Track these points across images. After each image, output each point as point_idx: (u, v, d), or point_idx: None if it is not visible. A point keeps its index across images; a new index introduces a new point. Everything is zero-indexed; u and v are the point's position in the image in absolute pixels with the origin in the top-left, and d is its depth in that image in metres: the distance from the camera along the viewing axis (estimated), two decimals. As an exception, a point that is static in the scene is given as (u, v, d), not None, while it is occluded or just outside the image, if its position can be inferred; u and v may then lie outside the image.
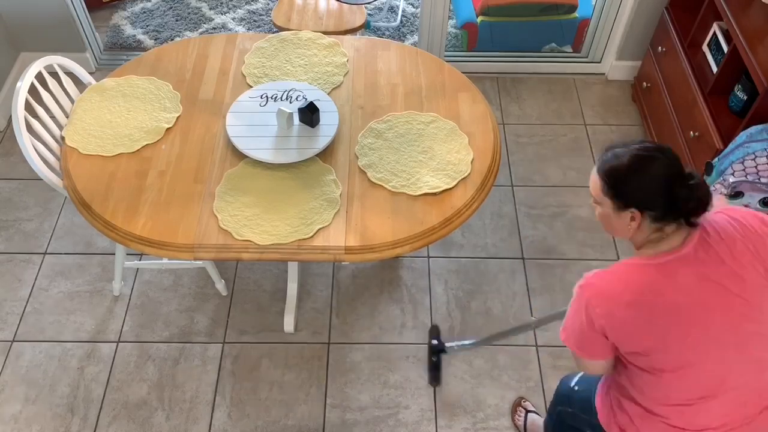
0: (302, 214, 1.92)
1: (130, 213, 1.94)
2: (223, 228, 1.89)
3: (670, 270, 1.33)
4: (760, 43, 2.29)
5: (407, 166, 2.06)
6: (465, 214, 1.98)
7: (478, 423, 2.29)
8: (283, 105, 2.17)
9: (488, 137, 2.15)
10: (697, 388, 1.38)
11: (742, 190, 2.30)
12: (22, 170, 2.99)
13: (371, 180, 2.02)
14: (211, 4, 3.87)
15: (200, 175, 2.03)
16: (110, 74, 2.33)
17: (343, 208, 1.96)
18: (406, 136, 2.14)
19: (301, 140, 2.09)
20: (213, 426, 2.28)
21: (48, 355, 2.43)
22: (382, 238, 1.89)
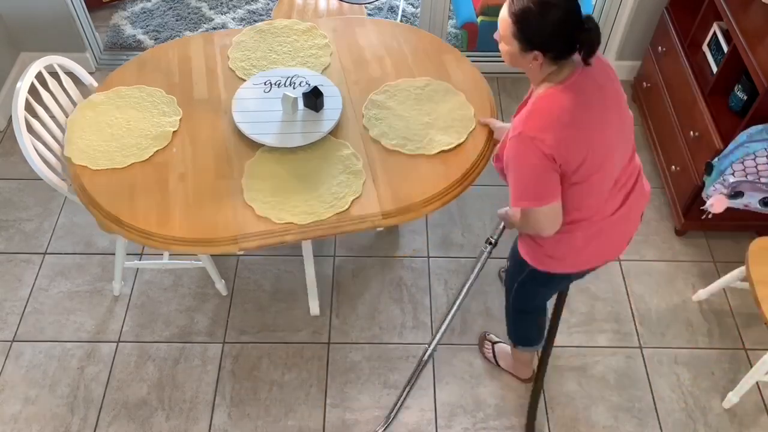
0: (332, 190, 1.98)
1: (163, 218, 1.92)
2: (261, 215, 1.91)
3: (579, 86, 1.57)
4: (760, 43, 2.29)
5: (417, 130, 2.14)
6: (481, 164, 2.10)
7: (478, 423, 2.29)
8: (286, 91, 2.21)
9: (482, 92, 2.26)
10: (611, 178, 1.67)
11: (742, 190, 2.30)
12: (22, 170, 2.99)
13: (387, 148, 2.09)
14: (211, 4, 3.87)
15: (220, 170, 2.03)
16: (96, 89, 2.28)
17: (368, 177, 2.02)
18: (406, 102, 2.22)
19: (308, 123, 2.13)
20: (213, 426, 2.28)
21: (48, 355, 2.43)
22: (414, 199, 1.98)
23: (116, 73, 2.34)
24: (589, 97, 1.58)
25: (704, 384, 2.40)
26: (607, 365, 2.44)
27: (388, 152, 2.09)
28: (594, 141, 1.58)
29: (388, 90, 2.26)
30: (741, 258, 2.74)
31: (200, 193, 1.98)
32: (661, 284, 2.67)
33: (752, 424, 2.30)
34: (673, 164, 2.81)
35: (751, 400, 2.36)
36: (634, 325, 2.55)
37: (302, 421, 2.29)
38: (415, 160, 2.07)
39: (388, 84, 2.28)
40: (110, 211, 1.94)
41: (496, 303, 2.59)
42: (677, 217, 2.77)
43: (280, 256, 2.72)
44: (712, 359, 2.46)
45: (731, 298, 2.63)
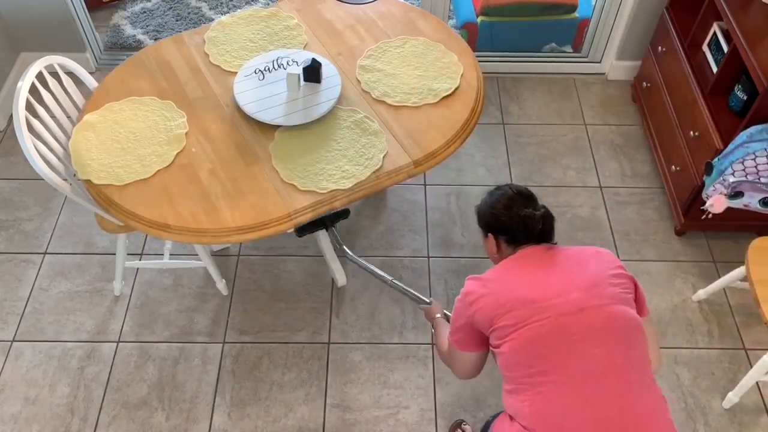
0: (360, 152, 2.07)
1: (212, 213, 1.93)
2: (305, 190, 1.97)
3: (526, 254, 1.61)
4: (760, 43, 2.29)
5: (414, 83, 2.26)
6: (481, 99, 2.25)
7: (478, 423, 2.29)
8: (289, 70, 2.26)
9: (457, 40, 2.41)
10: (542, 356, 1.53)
11: (742, 190, 2.30)
12: (22, 170, 2.99)
13: (393, 105, 2.20)
14: (211, 4, 3.87)
15: (247, 158, 2.05)
16: (85, 112, 2.21)
17: (387, 133, 2.12)
18: (393, 61, 2.33)
19: (314, 96, 2.19)
20: (213, 426, 2.28)
21: (48, 355, 2.43)
22: (436, 143, 2.09)
23: (100, 91, 2.27)
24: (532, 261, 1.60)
25: (704, 384, 2.40)
26: (607, 365, 2.44)
27: (395, 109, 2.20)
28: (516, 298, 1.51)
29: (372, 54, 2.36)
30: (741, 258, 2.74)
31: (237, 182, 2.00)
32: (661, 284, 2.67)
33: (752, 424, 2.30)
34: (673, 164, 2.81)
35: (751, 400, 2.36)
36: (634, 325, 2.55)
37: (302, 421, 2.29)
38: (422, 110, 2.19)
39: (369, 49, 2.38)
40: (155, 219, 1.92)
41: (496, 303, 2.59)
42: (677, 217, 2.77)
43: (280, 256, 2.72)
44: (712, 359, 2.46)
45: (731, 298, 2.63)
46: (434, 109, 2.20)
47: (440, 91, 2.24)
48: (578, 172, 3.05)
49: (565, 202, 2.93)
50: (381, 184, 2.03)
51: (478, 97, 2.25)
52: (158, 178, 2.02)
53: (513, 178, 3.00)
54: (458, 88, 2.25)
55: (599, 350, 1.46)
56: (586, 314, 1.48)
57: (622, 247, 2.77)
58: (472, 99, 2.23)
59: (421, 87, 2.26)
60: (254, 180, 2.01)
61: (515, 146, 3.14)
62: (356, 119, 2.17)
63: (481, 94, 2.27)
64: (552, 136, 3.20)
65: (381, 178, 2.03)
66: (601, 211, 2.90)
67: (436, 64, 2.33)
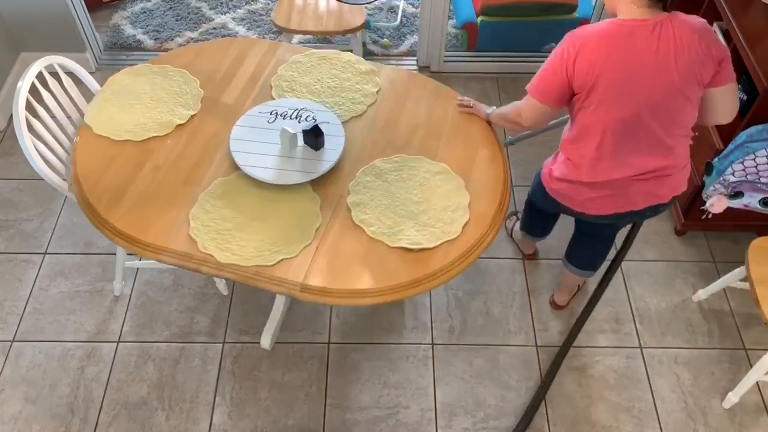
0: (272, 240, 1.86)
1: (113, 201, 1.95)
2: (192, 236, 1.86)
3: (629, 31, 1.71)
4: (760, 43, 2.29)
5: (395, 214, 1.93)
6: (438, 279, 1.83)
7: (478, 423, 2.29)
8: (290, 124, 2.11)
9: (492, 204, 1.97)
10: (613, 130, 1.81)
11: (742, 190, 2.30)
12: (22, 170, 2.99)
13: (353, 220, 1.91)
14: (211, 4, 3.87)
15: (192, 177, 2.02)
16: (149, 60, 2.36)
17: (315, 242, 1.86)
18: (407, 181, 2.01)
19: (300, 162, 2.01)
20: (213, 426, 2.28)
21: (48, 355, 2.43)
22: (343, 284, 1.79)
23: (173, 52, 2.39)
24: (638, 43, 1.70)
25: (704, 384, 2.40)
26: (607, 365, 2.44)
27: (352, 225, 1.91)
28: (602, 74, 1.73)
29: (397, 161, 2.06)
30: (741, 258, 2.74)
31: (160, 191, 1.98)
32: (661, 284, 2.67)
33: (752, 424, 2.30)
34: (673, 164, 2.81)
35: (751, 400, 2.36)
36: (634, 325, 2.55)
37: (302, 421, 2.29)
38: (373, 245, 1.87)
39: (401, 155, 2.08)
40: (79, 174, 2.00)
41: (496, 302, 2.59)
42: (677, 217, 2.77)
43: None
44: (712, 359, 2.46)
45: (731, 298, 2.63)
46: (384, 252, 1.86)
47: (407, 240, 1.87)
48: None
49: (565, 202, 2.93)
50: (255, 281, 1.82)
51: (439, 273, 1.83)
52: (120, 147, 2.09)
53: (514, 178, 3.00)
54: (429, 250, 1.86)
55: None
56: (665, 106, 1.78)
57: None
58: (428, 271, 1.82)
59: (396, 222, 1.91)
60: (173, 199, 1.95)
61: (515, 146, 3.14)
62: (307, 209, 1.93)
63: (450, 274, 1.85)
64: (552, 136, 3.19)
65: (260, 277, 1.81)
66: (601, 211, 2.90)
67: (440, 214, 1.93)
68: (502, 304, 2.60)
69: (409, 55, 3.59)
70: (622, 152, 1.85)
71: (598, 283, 2.57)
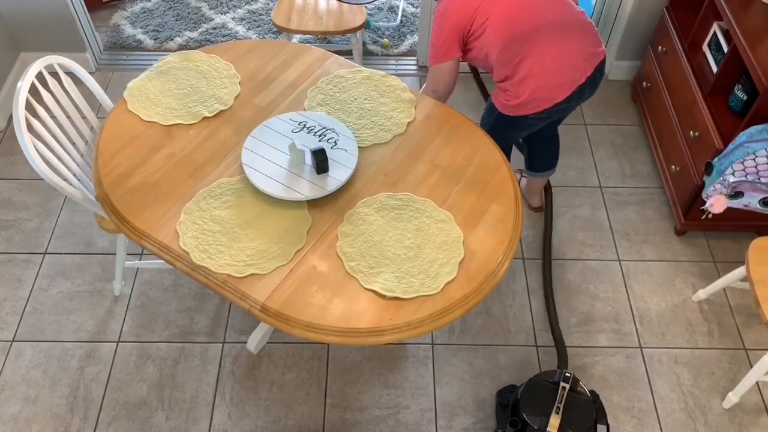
0: (250, 252, 1.81)
1: (121, 178, 1.97)
2: (177, 230, 1.86)
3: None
4: (760, 43, 2.29)
5: (381, 254, 1.82)
6: (403, 333, 1.70)
7: (478, 423, 2.29)
8: (310, 140, 2.06)
9: (485, 267, 1.80)
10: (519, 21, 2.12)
11: (742, 190, 2.30)
12: (22, 170, 2.99)
13: (337, 250, 1.83)
14: (211, 4, 3.87)
15: (200, 172, 2.02)
16: (204, 48, 2.39)
17: (291, 264, 1.79)
18: (405, 222, 1.89)
19: (303, 180, 1.96)
20: (213, 426, 2.28)
21: (48, 355, 2.43)
22: (301, 314, 1.71)
23: (227, 44, 2.41)
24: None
25: (704, 384, 2.40)
26: (607, 365, 2.44)
27: (334, 255, 1.82)
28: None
29: (402, 199, 1.94)
30: (741, 258, 2.74)
31: (163, 178, 1.99)
32: (661, 284, 2.67)
33: (752, 424, 2.30)
34: (673, 164, 2.81)
35: (751, 400, 2.36)
36: (634, 325, 2.55)
37: (302, 421, 2.29)
38: (346, 280, 1.78)
39: (409, 194, 1.96)
40: (102, 143, 2.07)
41: (496, 302, 2.59)
42: (677, 217, 2.77)
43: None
44: (712, 359, 2.46)
45: (731, 298, 2.63)
46: (355, 291, 1.75)
47: (380, 285, 1.75)
48: (578, 171, 3.05)
49: (565, 202, 2.93)
50: (221, 289, 1.77)
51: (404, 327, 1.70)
52: (146, 126, 2.13)
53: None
54: (401, 300, 1.73)
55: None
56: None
57: (622, 247, 2.77)
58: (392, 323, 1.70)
59: (378, 263, 1.80)
60: (173, 189, 1.95)
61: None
62: (296, 229, 1.86)
63: (413, 332, 1.71)
64: (552, 136, 3.20)
65: (226, 286, 1.77)
66: (601, 211, 2.90)
67: (426, 265, 1.80)
68: (502, 304, 2.60)
69: (409, 55, 3.59)
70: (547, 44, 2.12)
71: None
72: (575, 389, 2.04)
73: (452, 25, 2.16)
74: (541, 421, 1.98)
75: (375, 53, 3.60)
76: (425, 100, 2.26)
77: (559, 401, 2.00)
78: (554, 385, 2.05)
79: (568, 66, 2.14)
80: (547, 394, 2.03)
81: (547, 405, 2.01)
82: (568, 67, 2.14)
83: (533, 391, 2.06)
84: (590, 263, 2.71)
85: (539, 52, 2.10)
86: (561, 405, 1.99)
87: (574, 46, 2.13)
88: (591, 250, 2.76)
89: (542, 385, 2.06)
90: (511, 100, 2.24)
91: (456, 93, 3.38)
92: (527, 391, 2.06)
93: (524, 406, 2.02)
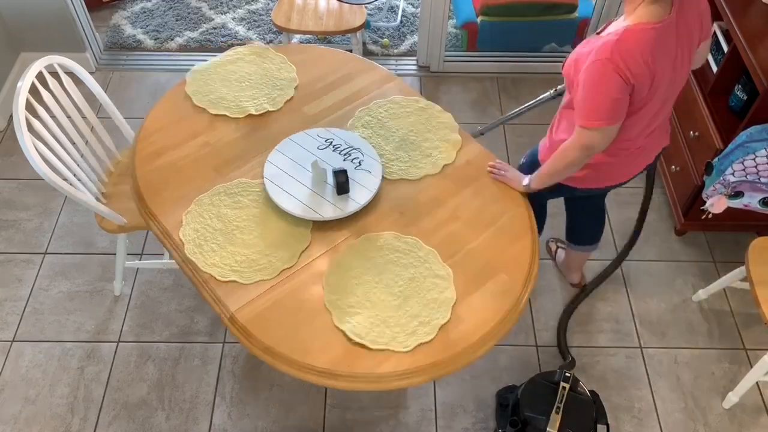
0: (240, 259, 1.79)
1: (152, 156, 2.04)
2: (182, 219, 1.88)
3: (664, 33, 1.68)
4: (760, 43, 2.29)
5: (364, 295, 1.72)
6: (357, 384, 1.59)
7: (478, 423, 2.29)
8: (334, 158, 2.01)
9: (467, 338, 1.65)
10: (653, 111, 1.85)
11: (742, 190, 2.30)
12: (22, 170, 2.99)
13: (322, 279, 1.75)
14: (211, 4, 3.87)
15: (225, 167, 2.02)
16: (276, 46, 2.39)
17: (274, 281, 1.75)
18: (401, 269, 1.77)
19: (317, 198, 1.90)
20: (213, 426, 2.28)
21: (48, 355, 2.43)
22: (264, 335, 1.65)
23: (299, 47, 2.40)
24: (671, 42, 1.71)
25: (704, 384, 2.40)
26: (607, 365, 2.44)
27: (319, 284, 1.75)
28: (660, 80, 1.74)
29: (408, 244, 1.82)
30: (741, 258, 2.74)
31: (188, 166, 2.02)
32: (661, 284, 2.67)
33: (752, 424, 2.30)
34: (673, 164, 2.81)
35: (751, 400, 2.36)
36: (634, 325, 2.55)
37: (302, 421, 2.29)
38: (320, 313, 1.70)
39: (418, 241, 1.83)
40: (149, 118, 2.15)
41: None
42: (677, 217, 2.77)
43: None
44: (712, 359, 2.46)
45: (731, 298, 2.63)
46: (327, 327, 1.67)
47: (351, 328, 1.66)
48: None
49: (565, 202, 2.93)
50: (200, 288, 1.76)
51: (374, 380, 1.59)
52: (195, 111, 2.16)
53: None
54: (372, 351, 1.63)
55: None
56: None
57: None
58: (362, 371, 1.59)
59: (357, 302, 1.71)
60: (193, 178, 1.98)
61: (515, 146, 3.14)
62: (293, 245, 1.80)
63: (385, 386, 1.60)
64: (552, 136, 3.20)
65: (207, 287, 1.75)
66: (601, 211, 2.90)
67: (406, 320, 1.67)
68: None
69: (409, 55, 3.59)
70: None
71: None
72: (575, 389, 2.04)
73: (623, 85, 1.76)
74: (541, 421, 1.97)
75: (375, 53, 3.60)
76: (471, 144, 2.08)
77: (559, 401, 2.00)
78: (554, 385, 2.05)
79: (644, 156, 2.02)
80: (548, 394, 2.03)
81: (547, 405, 2.00)
82: (644, 156, 2.02)
83: (533, 391, 2.06)
84: (590, 263, 2.71)
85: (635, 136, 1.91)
86: (561, 405, 1.99)
87: (657, 136, 2.00)
88: (591, 250, 2.76)
89: (542, 385, 2.06)
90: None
91: (456, 93, 3.38)
92: (527, 391, 2.06)
93: (524, 405, 2.02)
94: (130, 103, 3.28)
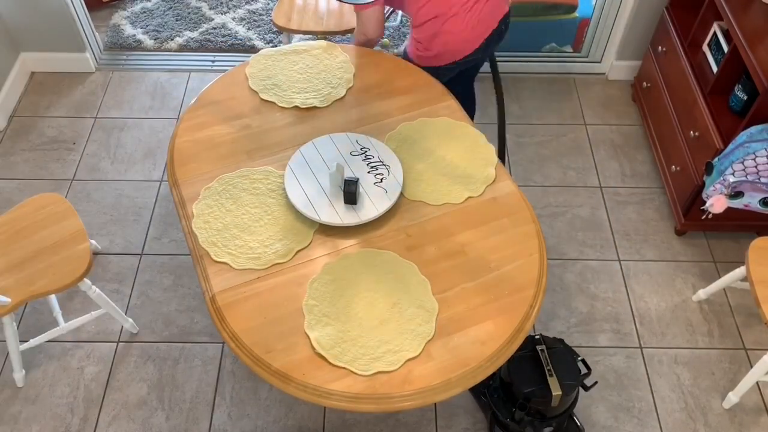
0: (239, 243, 1.81)
1: (197, 127, 2.11)
2: (201, 192, 1.93)
3: None
4: (760, 43, 2.29)
5: (343, 307, 1.69)
6: (304, 394, 1.55)
7: (478, 423, 2.29)
8: (360, 167, 1.99)
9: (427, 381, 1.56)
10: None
11: (742, 190, 2.30)
12: (23, 170, 2.99)
13: (308, 282, 1.73)
14: (211, 4, 3.87)
15: (257, 152, 2.04)
16: (344, 45, 2.40)
17: (263, 272, 1.75)
18: (387, 293, 1.71)
19: (329, 201, 1.90)
20: (213, 426, 2.28)
21: (48, 355, 2.43)
22: (234, 321, 1.64)
23: (373, 53, 2.38)
24: None
25: (704, 384, 2.40)
26: (607, 365, 2.44)
27: (305, 285, 1.74)
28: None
29: (404, 268, 1.76)
30: (741, 258, 2.74)
31: (227, 143, 2.06)
32: (661, 284, 2.67)
33: (752, 424, 2.30)
34: (673, 164, 2.81)
35: (751, 400, 2.36)
36: (634, 325, 2.55)
37: (302, 421, 2.29)
38: (297, 315, 1.69)
39: (413, 266, 1.78)
40: (209, 90, 2.22)
41: (496, 303, 2.59)
42: (677, 217, 2.77)
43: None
44: (712, 359, 2.46)
45: (731, 298, 2.63)
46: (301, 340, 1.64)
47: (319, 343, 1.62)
48: (578, 172, 3.05)
49: (565, 202, 2.93)
50: (197, 270, 1.76)
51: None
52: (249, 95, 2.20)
53: (513, 178, 3.00)
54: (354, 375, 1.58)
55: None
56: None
57: (622, 247, 2.77)
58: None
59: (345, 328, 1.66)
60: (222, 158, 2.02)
61: (515, 146, 3.14)
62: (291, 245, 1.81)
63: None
64: (552, 136, 3.20)
65: (201, 270, 1.78)
66: (601, 211, 2.90)
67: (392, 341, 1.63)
68: (502, 304, 2.59)
69: (409, 55, 3.59)
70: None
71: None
72: (551, 346, 2.02)
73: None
74: (543, 389, 1.96)
75: (375, 53, 3.60)
76: (504, 182, 1.98)
77: (546, 364, 1.98)
78: (533, 352, 2.02)
79: (477, 21, 2.29)
80: (532, 364, 1.99)
81: (537, 374, 1.97)
82: (477, 22, 2.29)
83: (519, 367, 2.03)
84: (590, 263, 2.71)
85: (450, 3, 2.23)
86: (550, 366, 1.98)
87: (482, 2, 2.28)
88: (591, 250, 2.76)
89: (523, 358, 2.02)
90: (425, 53, 2.36)
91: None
92: (515, 371, 2.01)
93: (520, 384, 1.98)
94: (130, 103, 3.28)
